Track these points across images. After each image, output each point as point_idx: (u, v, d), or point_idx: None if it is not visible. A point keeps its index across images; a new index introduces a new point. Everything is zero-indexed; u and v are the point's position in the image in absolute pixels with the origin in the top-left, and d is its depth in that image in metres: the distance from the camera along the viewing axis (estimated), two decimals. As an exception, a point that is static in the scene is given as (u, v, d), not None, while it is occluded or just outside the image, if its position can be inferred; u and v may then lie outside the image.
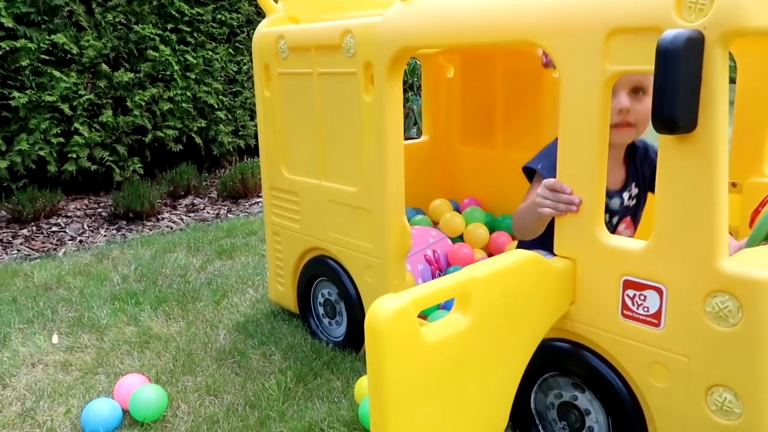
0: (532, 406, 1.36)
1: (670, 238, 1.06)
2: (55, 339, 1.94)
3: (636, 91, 1.34)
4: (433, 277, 1.90)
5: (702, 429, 1.08)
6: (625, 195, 1.49)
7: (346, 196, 1.70)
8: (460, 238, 2.20)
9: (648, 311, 1.12)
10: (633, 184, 1.50)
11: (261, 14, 4.50)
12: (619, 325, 1.16)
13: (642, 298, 1.12)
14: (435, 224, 2.25)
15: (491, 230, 2.19)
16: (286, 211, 1.94)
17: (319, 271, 1.87)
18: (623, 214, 1.50)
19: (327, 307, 1.89)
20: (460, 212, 2.29)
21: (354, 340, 1.77)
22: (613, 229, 1.49)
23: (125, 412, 1.50)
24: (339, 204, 1.73)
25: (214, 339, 1.90)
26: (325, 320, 1.90)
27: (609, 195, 1.45)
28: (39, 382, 1.68)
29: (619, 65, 1.08)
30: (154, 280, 2.41)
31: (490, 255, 2.11)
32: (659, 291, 1.09)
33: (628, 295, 1.14)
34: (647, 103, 1.33)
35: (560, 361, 1.28)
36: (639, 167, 1.51)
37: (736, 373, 1.03)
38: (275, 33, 1.84)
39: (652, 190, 1.47)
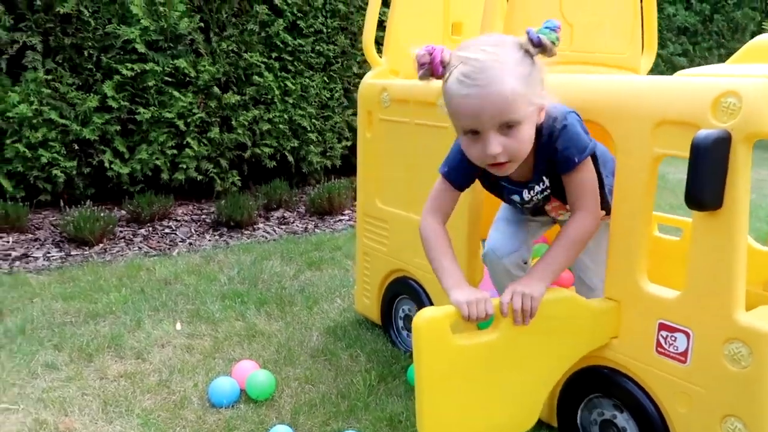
0: (578, 421, 1.62)
1: (698, 292, 1.32)
2: (178, 326, 2.34)
3: (508, 126, 1.32)
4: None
5: (715, 450, 1.32)
6: (536, 188, 1.56)
7: (430, 229, 2.01)
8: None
9: (677, 350, 1.37)
10: (542, 177, 1.53)
11: (355, 46, 4.91)
12: (653, 359, 1.42)
13: (673, 338, 1.37)
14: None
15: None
16: (376, 235, 2.26)
17: (402, 290, 2.18)
18: (540, 203, 1.62)
19: (406, 322, 2.20)
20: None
21: (427, 351, 2.07)
22: (539, 211, 1.67)
23: (241, 390, 1.85)
24: (424, 235, 2.04)
25: (309, 338, 2.24)
26: (404, 332, 2.21)
27: (513, 191, 1.59)
28: (170, 360, 2.07)
29: (663, 149, 1.35)
30: (254, 283, 2.79)
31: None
32: (687, 334, 1.34)
33: (661, 335, 1.39)
34: (520, 135, 1.33)
35: (604, 384, 1.53)
36: (547, 157, 1.47)
37: (745, 406, 1.27)
38: (379, 85, 2.18)
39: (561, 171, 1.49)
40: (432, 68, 1.39)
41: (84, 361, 2.06)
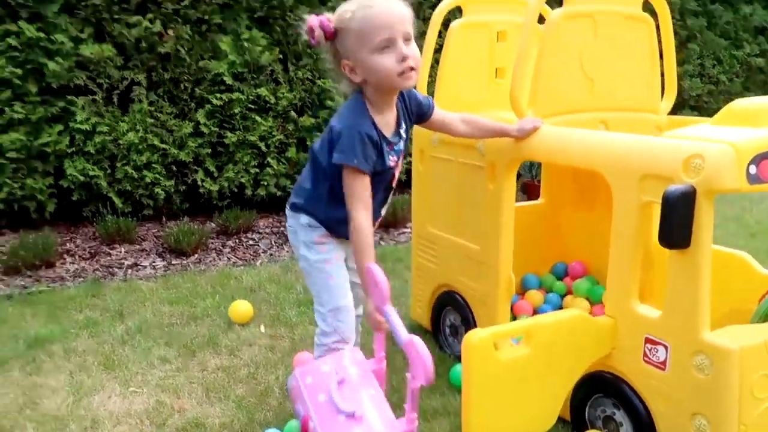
0: (586, 416, 1.94)
1: (673, 313, 1.63)
2: (262, 329, 2.80)
3: (407, 39, 1.68)
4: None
5: (688, 441, 1.63)
6: (402, 133, 1.87)
7: (471, 251, 2.37)
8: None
9: (659, 360, 1.68)
10: (403, 122, 1.88)
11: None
12: (641, 367, 1.73)
13: (655, 350, 1.69)
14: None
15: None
16: (427, 254, 2.64)
17: (448, 302, 2.55)
18: (405, 147, 1.91)
19: (452, 329, 2.56)
20: (568, 273, 2.88)
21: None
22: (396, 161, 1.87)
23: (313, 383, 2.28)
24: (465, 256, 2.40)
25: (369, 340, 2.65)
26: (450, 338, 2.58)
27: (390, 141, 1.81)
28: (256, 357, 2.53)
29: (648, 197, 1.66)
30: (325, 291, 3.23)
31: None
32: (666, 347, 1.66)
33: (647, 347, 1.71)
34: (415, 47, 1.71)
35: (606, 387, 1.86)
36: (406, 105, 1.90)
37: (709, 406, 1.57)
38: (430, 127, 2.55)
39: (418, 122, 2.00)
40: (324, 29, 1.69)
41: (189, 355, 2.56)
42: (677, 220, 1.53)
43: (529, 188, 5.24)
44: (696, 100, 7.29)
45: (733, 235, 4.17)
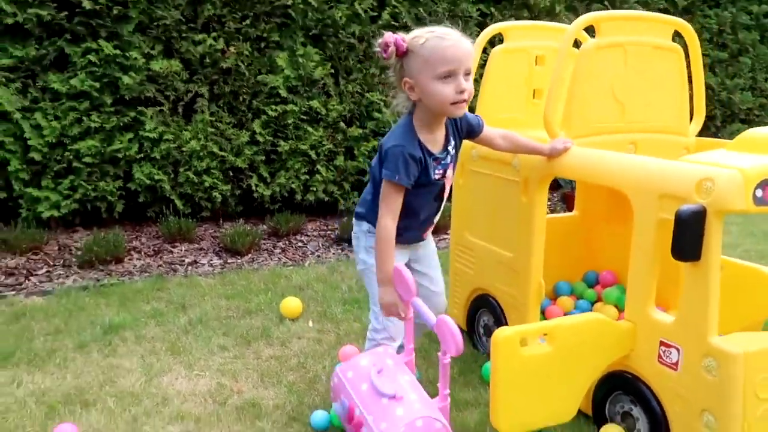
0: (606, 413, 2.12)
1: (685, 319, 1.80)
2: (310, 323, 3.05)
3: (467, 74, 1.88)
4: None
5: (696, 436, 1.79)
6: (450, 149, 2.07)
7: (504, 258, 2.56)
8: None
9: (672, 361, 1.85)
10: (452, 139, 2.07)
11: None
12: (656, 368, 1.90)
13: (669, 352, 1.86)
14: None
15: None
16: (465, 260, 2.85)
17: (482, 305, 2.75)
18: (452, 162, 2.10)
19: (485, 329, 2.76)
20: (599, 282, 3.04)
21: (501, 354, 2.62)
22: (442, 175, 2.06)
23: (357, 373, 2.51)
24: (499, 262, 2.60)
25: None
26: (483, 338, 2.78)
27: (437, 157, 2.01)
28: (305, 349, 2.78)
29: (664, 214, 1.84)
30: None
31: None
32: (678, 349, 1.83)
33: (661, 350, 1.88)
34: (471, 81, 1.90)
35: (624, 385, 2.03)
36: (457, 125, 2.09)
37: (715, 404, 1.73)
38: (470, 143, 2.76)
39: (467, 138, 2.17)
40: (397, 46, 1.87)
41: (245, 345, 2.82)
42: (688, 236, 1.71)
43: (568, 199, 5.38)
44: (747, 114, 7.25)
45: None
